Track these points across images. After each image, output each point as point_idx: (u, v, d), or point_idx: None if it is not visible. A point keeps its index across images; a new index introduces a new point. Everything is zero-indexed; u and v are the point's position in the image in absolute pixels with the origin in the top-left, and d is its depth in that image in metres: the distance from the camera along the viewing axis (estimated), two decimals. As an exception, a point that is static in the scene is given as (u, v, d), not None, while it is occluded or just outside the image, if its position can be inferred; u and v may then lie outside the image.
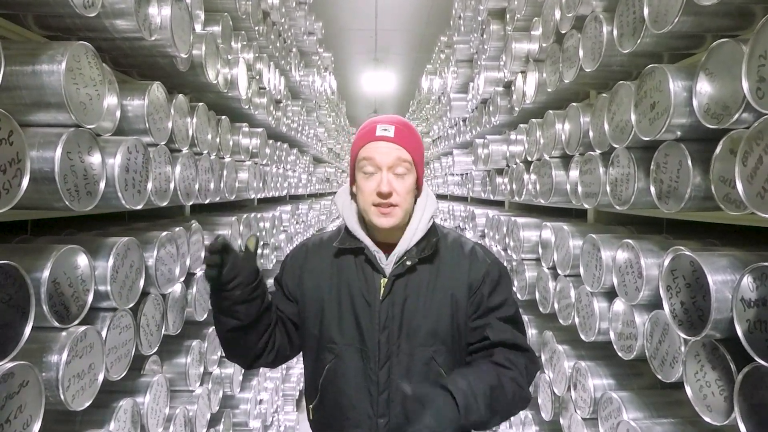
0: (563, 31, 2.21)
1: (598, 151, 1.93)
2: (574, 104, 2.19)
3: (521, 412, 2.89)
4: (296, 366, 4.63)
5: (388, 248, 1.32)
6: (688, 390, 1.33)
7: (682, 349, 1.40)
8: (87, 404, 1.29)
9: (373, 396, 1.27)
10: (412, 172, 1.29)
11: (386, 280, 1.29)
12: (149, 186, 1.58)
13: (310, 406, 1.36)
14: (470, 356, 1.32)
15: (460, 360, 1.32)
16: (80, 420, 1.46)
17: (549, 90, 2.48)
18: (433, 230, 1.36)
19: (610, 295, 1.84)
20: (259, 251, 3.22)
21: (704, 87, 1.26)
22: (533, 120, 2.70)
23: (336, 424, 1.30)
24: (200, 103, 2.11)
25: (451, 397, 1.13)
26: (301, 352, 1.42)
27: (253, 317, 1.25)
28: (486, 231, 3.68)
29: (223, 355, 1.40)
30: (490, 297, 1.31)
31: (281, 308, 1.37)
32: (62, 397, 1.18)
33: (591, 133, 1.97)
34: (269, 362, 1.35)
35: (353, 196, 1.37)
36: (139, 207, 1.54)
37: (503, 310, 1.31)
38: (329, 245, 1.38)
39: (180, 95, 1.90)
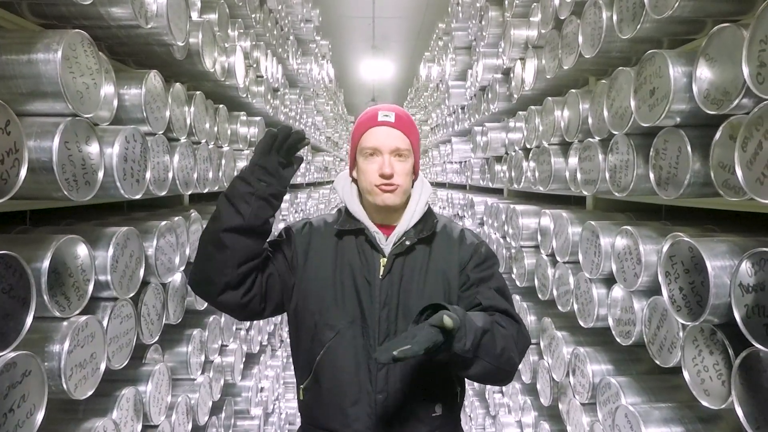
0: (562, 17, 2.19)
1: (598, 138, 1.93)
2: (574, 91, 2.18)
3: (519, 397, 2.92)
4: (296, 354, 4.65)
5: (385, 230, 1.37)
6: (686, 375, 1.34)
7: (681, 334, 1.41)
8: (89, 393, 1.30)
9: (372, 372, 1.30)
10: (410, 156, 1.36)
11: (386, 259, 1.33)
12: (148, 175, 1.58)
13: (302, 386, 1.38)
14: None
15: None
16: (83, 408, 1.47)
17: (548, 77, 2.47)
18: (430, 213, 1.42)
19: (609, 281, 1.84)
20: None
21: (704, 72, 1.26)
22: (532, 107, 2.69)
23: (332, 401, 1.31)
24: (198, 92, 2.10)
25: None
26: (288, 337, 1.43)
27: (255, 224, 1.24)
28: (485, 219, 3.68)
29: (192, 282, 1.32)
30: (479, 270, 1.36)
31: (275, 258, 1.36)
32: (65, 386, 1.19)
33: (590, 120, 1.96)
34: (238, 304, 1.29)
35: (354, 180, 1.42)
36: (138, 196, 1.54)
37: (492, 281, 1.37)
38: (331, 227, 1.41)
39: (177, 84, 1.89)
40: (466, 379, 1.44)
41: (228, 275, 1.25)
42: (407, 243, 1.33)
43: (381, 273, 1.32)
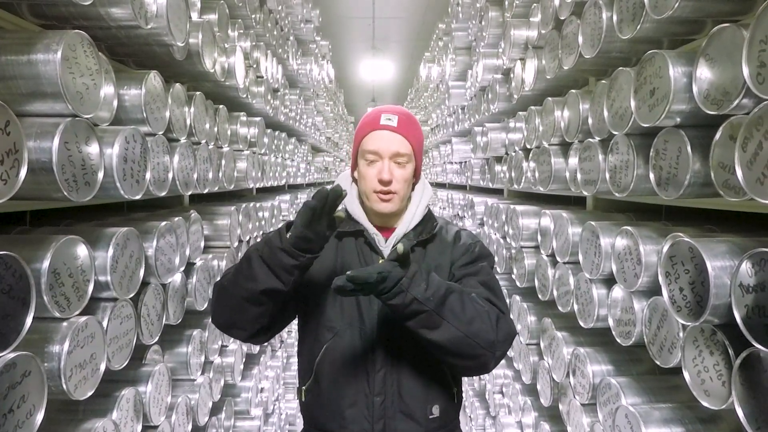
0: (562, 18, 2.19)
1: (598, 138, 1.93)
2: (574, 91, 2.18)
3: (519, 398, 2.92)
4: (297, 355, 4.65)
5: (385, 233, 1.37)
6: (687, 375, 1.34)
7: (681, 334, 1.41)
8: (89, 394, 1.30)
9: (369, 374, 1.30)
10: (411, 161, 1.35)
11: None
12: (148, 176, 1.58)
13: (303, 387, 1.38)
14: None
15: None
16: (83, 409, 1.47)
17: (548, 77, 2.47)
18: (430, 216, 1.42)
19: (609, 281, 1.84)
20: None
21: (704, 73, 1.26)
22: (532, 107, 2.69)
23: (331, 403, 1.32)
24: (197, 93, 2.10)
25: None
26: (298, 336, 1.44)
27: (292, 287, 1.21)
28: (485, 219, 3.68)
29: (221, 324, 1.30)
30: (467, 267, 1.35)
31: None
32: (65, 386, 1.19)
33: (590, 120, 1.96)
34: (265, 338, 1.33)
35: (354, 180, 1.42)
36: (138, 197, 1.54)
37: (480, 276, 1.33)
38: None
39: (177, 84, 1.89)
40: (462, 380, 1.44)
41: (261, 323, 1.27)
42: None
43: None
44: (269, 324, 1.29)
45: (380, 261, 1.33)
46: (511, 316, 2.96)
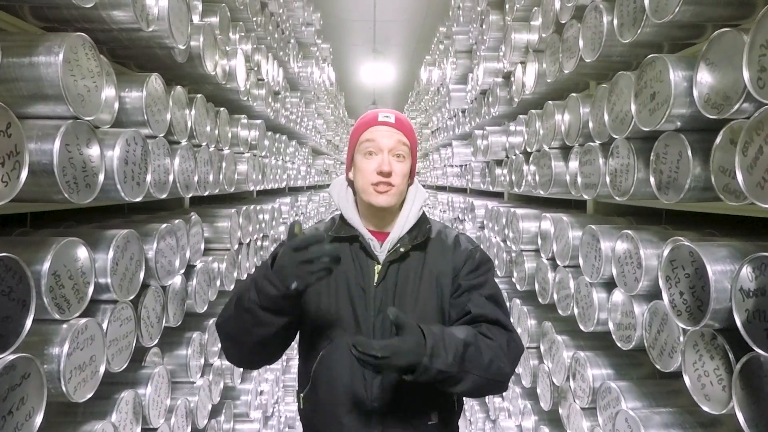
0: (563, 21, 2.20)
1: (598, 142, 1.93)
2: (574, 95, 2.18)
3: (519, 402, 2.91)
4: (296, 358, 4.64)
5: (379, 237, 1.37)
6: (687, 379, 1.33)
7: (681, 339, 1.41)
8: (89, 396, 1.29)
9: (367, 381, 1.30)
10: (408, 157, 1.37)
11: (380, 266, 1.33)
12: (148, 178, 1.58)
13: (301, 394, 1.38)
14: None
15: None
16: (82, 411, 1.46)
17: (548, 80, 2.47)
18: (424, 219, 1.42)
19: (609, 285, 1.84)
20: (259, 244, 3.23)
21: (705, 77, 1.26)
22: (533, 111, 2.69)
23: (329, 409, 1.31)
24: (198, 95, 2.10)
25: (422, 335, 1.13)
26: (298, 342, 1.44)
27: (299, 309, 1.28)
28: (485, 222, 3.68)
29: (241, 365, 1.39)
30: (471, 277, 1.36)
31: None
32: (64, 389, 1.19)
33: (591, 124, 1.96)
34: (280, 356, 1.38)
35: (350, 183, 1.42)
36: (139, 199, 1.54)
37: (484, 288, 1.35)
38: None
39: (178, 87, 1.89)
40: None
41: (282, 346, 1.34)
42: (402, 249, 1.33)
43: (375, 280, 1.32)
44: (285, 343, 1.35)
45: (375, 266, 1.33)
46: (511, 319, 2.96)
